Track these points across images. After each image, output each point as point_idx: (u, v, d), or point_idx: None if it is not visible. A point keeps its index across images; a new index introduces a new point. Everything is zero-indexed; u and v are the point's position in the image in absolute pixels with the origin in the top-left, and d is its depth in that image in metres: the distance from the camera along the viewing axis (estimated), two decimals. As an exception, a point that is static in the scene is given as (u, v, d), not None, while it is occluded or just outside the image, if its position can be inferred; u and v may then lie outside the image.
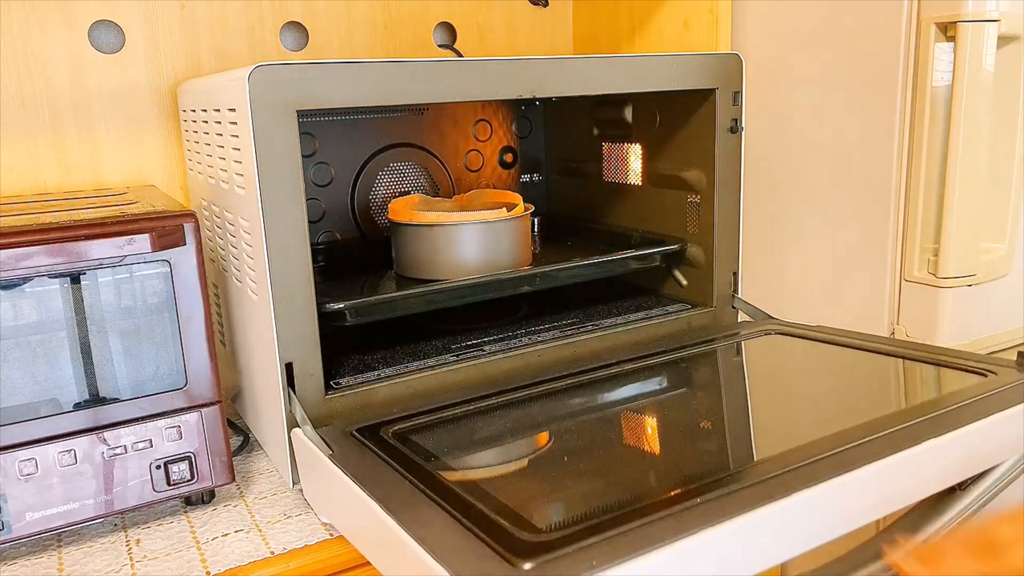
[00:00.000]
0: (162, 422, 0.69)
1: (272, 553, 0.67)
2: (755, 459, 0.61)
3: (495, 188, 1.20)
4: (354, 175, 1.09)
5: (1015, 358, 0.74)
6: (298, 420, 0.71)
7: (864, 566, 0.65)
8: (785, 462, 0.59)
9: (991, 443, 0.65)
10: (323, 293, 0.75)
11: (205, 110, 0.84)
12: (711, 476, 0.59)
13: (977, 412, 0.64)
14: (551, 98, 0.80)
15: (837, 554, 0.68)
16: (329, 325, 0.77)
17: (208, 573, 0.65)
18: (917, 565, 0.63)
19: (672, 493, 0.56)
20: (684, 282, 1.00)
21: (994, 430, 0.64)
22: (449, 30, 1.21)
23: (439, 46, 1.20)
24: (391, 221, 0.94)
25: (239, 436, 0.89)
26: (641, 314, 0.95)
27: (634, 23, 1.18)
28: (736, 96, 0.90)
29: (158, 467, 0.70)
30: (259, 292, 0.73)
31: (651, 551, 0.48)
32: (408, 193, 1.13)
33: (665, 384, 0.83)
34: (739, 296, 0.97)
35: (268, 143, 0.68)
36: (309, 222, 0.71)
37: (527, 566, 0.47)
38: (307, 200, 0.71)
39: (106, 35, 0.99)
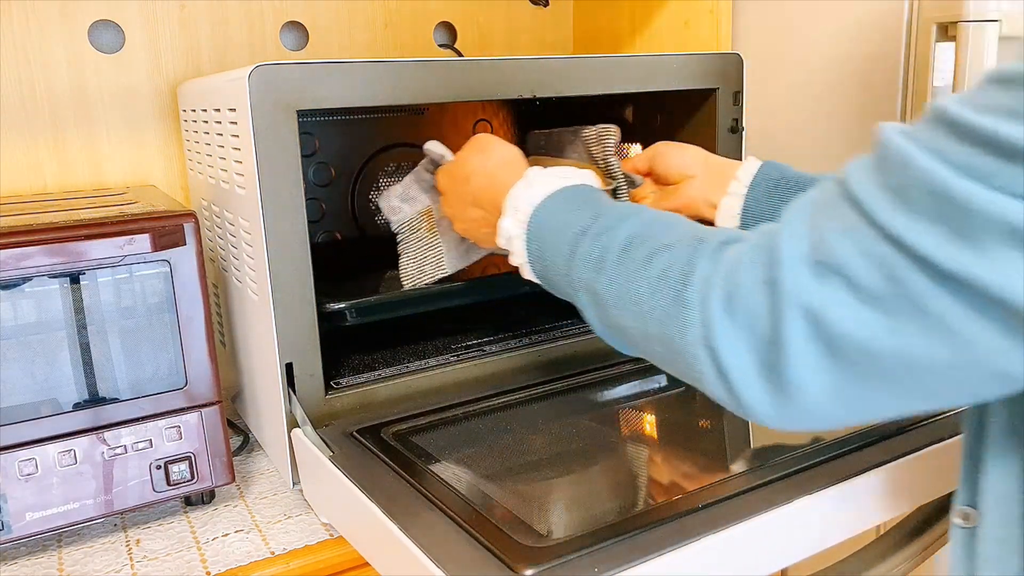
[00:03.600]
0: (162, 422, 0.69)
1: (272, 553, 0.67)
2: (755, 464, 0.61)
3: (495, 188, 1.19)
4: (354, 175, 1.09)
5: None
6: (298, 420, 0.71)
7: (866, 570, 0.65)
8: (786, 467, 0.59)
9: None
10: (323, 293, 0.74)
11: (205, 110, 0.84)
12: (712, 480, 0.59)
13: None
14: (551, 98, 0.80)
15: (840, 557, 0.68)
16: (330, 325, 0.77)
17: (208, 573, 0.65)
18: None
19: (674, 498, 0.56)
20: (684, 282, 1.00)
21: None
22: (449, 30, 1.21)
23: (439, 46, 1.20)
24: (391, 221, 0.94)
25: (239, 436, 0.89)
26: (641, 314, 0.95)
27: (634, 23, 1.18)
28: (737, 96, 0.90)
29: (158, 467, 0.69)
30: (259, 292, 0.73)
31: (653, 557, 0.48)
32: (408, 193, 1.12)
33: (666, 384, 0.83)
34: (739, 296, 0.96)
35: (268, 143, 0.68)
36: (309, 222, 0.71)
37: (528, 572, 0.47)
38: (307, 200, 0.71)
39: (106, 35, 0.99)
